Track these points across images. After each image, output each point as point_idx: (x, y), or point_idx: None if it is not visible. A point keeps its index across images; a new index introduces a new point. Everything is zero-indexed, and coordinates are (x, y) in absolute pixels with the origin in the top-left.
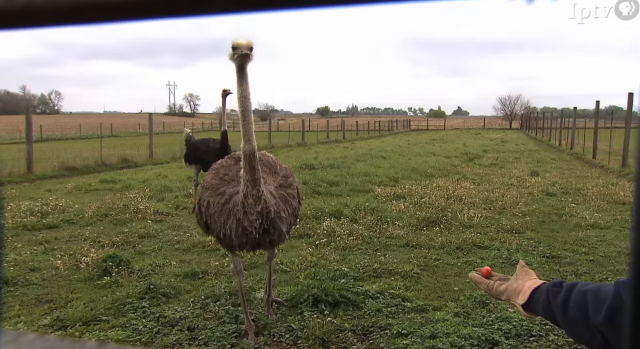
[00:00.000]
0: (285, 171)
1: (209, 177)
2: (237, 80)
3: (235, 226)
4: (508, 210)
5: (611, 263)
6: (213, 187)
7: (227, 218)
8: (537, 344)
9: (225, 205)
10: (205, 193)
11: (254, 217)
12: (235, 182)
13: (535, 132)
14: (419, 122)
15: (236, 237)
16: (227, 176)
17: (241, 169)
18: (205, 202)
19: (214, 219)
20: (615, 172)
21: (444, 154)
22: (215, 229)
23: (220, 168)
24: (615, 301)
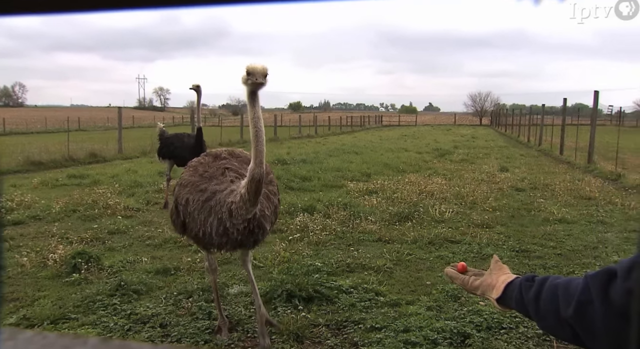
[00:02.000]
0: (265, 168)
1: (187, 175)
2: (249, 103)
3: (216, 224)
4: (479, 205)
5: (578, 256)
6: (193, 185)
7: (208, 215)
8: (507, 336)
9: (206, 202)
10: (184, 191)
11: (239, 222)
12: (218, 180)
13: (504, 129)
14: (391, 118)
15: (217, 236)
16: (207, 173)
17: (222, 166)
18: (184, 200)
19: (192, 217)
20: (582, 168)
21: (415, 150)
22: (194, 228)
23: (199, 165)
24: (584, 295)
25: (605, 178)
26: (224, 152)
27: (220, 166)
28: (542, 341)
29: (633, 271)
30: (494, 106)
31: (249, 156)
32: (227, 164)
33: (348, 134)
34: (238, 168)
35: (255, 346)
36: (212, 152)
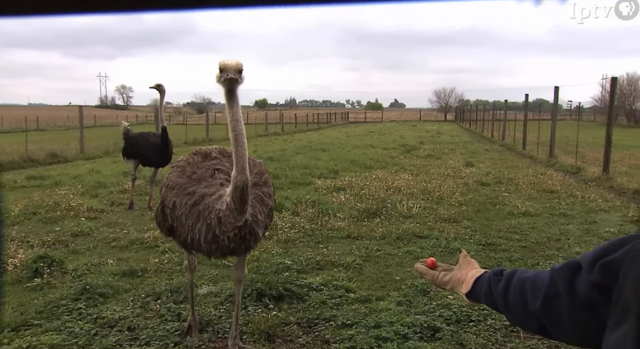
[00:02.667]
0: (259, 167)
1: (174, 176)
2: (227, 103)
3: (205, 231)
4: (445, 200)
5: (542, 248)
6: (180, 187)
7: (196, 221)
8: (476, 329)
9: (195, 206)
10: (170, 193)
11: (229, 229)
12: (207, 182)
13: (469, 124)
14: (357, 114)
15: (205, 242)
16: (196, 174)
17: (212, 166)
18: (171, 203)
19: (180, 222)
20: (543, 162)
21: (382, 146)
22: (181, 233)
23: (187, 166)
24: (550, 288)
25: (566, 172)
26: (215, 151)
27: (210, 166)
28: (509, 332)
29: (596, 263)
30: (458, 102)
31: None
32: (217, 165)
33: (315, 131)
34: (229, 169)
35: (225, 347)
36: (202, 150)
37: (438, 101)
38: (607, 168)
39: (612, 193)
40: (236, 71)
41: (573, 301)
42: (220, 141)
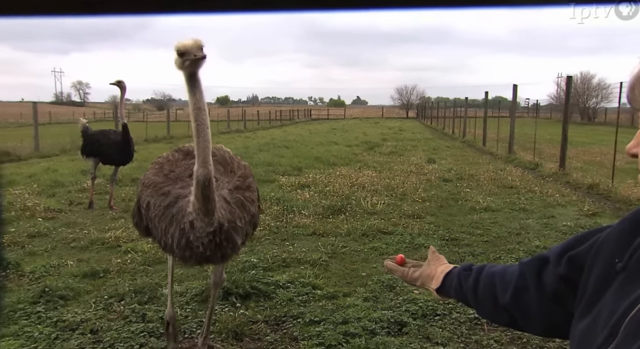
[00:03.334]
0: (243, 170)
1: (151, 173)
2: (189, 90)
3: (178, 236)
4: (409, 196)
5: (503, 242)
6: (155, 186)
7: (169, 224)
8: (442, 322)
9: (168, 208)
10: (145, 192)
11: (203, 235)
12: (184, 182)
13: (430, 121)
14: (320, 111)
15: (179, 249)
16: (174, 172)
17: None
18: (145, 203)
19: (154, 223)
20: (503, 158)
21: (345, 143)
22: (156, 234)
23: (166, 163)
24: (519, 282)
25: (524, 167)
26: None
27: (190, 165)
28: (474, 325)
29: (563, 257)
30: (419, 99)
31: (228, 155)
32: None
33: (278, 128)
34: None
35: (193, 347)
36: (184, 148)
37: (400, 98)
38: (564, 164)
39: (569, 188)
40: (198, 49)
41: (541, 294)
42: (182, 138)
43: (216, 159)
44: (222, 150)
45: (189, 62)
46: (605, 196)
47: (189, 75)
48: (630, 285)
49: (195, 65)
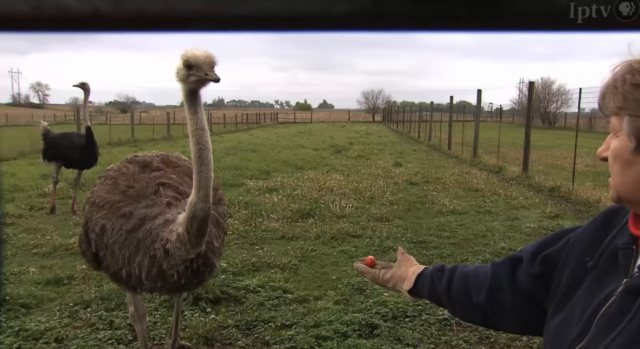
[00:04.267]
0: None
1: (103, 191)
2: (189, 108)
3: (147, 265)
4: (377, 199)
5: (470, 244)
6: (111, 206)
7: (136, 252)
8: (412, 324)
9: (132, 233)
10: (98, 213)
11: (179, 262)
12: (148, 200)
13: (396, 125)
14: (287, 115)
15: (148, 280)
16: (133, 189)
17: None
18: (98, 227)
19: (111, 251)
20: (468, 162)
21: (312, 147)
22: (112, 265)
23: (120, 177)
24: (493, 282)
25: (489, 171)
26: (156, 159)
27: (152, 179)
28: (443, 326)
29: (537, 257)
30: (385, 103)
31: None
32: (161, 178)
33: (244, 132)
34: (178, 184)
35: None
36: (139, 158)
37: (366, 102)
38: (527, 167)
39: (531, 191)
40: (211, 67)
41: (515, 292)
42: (146, 142)
43: (181, 169)
44: (182, 158)
45: (196, 80)
46: (566, 199)
47: (190, 92)
48: (601, 283)
49: (202, 84)
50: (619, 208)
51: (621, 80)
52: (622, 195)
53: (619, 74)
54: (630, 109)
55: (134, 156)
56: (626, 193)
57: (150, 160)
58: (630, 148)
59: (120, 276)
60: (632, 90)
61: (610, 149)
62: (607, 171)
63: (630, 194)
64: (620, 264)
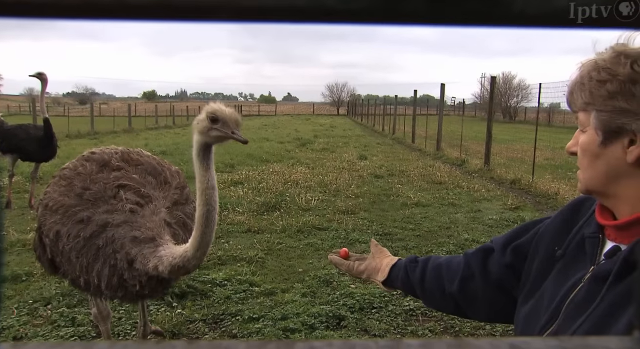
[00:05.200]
0: (178, 179)
1: (56, 193)
2: (201, 161)
3: (107, 274)
4: (342, 192)
5: (434, 236)
6: (66, 210)
7: (94, 260)
8: (378, 315)
9: (92, 240)
10: (51, 217)
11: (142, 273)
12: (108, 205)
13: (360, 118)
14: (250, 107)
15: (109, 289)
16: (90, 191)
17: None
18: (52, 233)
19: (67, 258)
20: (431, 155)
21: (277, 140)
22: (69, 272)
23: (75, 177)
24: (465, 272)
25: (452, 164)
26: (115, 157)
27: (112, 181)
28: (409, 316)
29: (507, 247)
30: (350, 96)
31: (155, 163)
32: (121, 179)
33: None
34: (140, 185)
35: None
36: (97, 156)
37: (331, 95)
38: (488, 160)
39: (493, 183)
40: (237, 126)
41: (487, 282)
42: (107, 134)
43: (143, 168)
44: (144, 154)
45: (218, 135)
46: (526, 191)
47: (205, 145)
48: (569, 271)
49: (222, 141)
50: (585, 199)
51: (587, 77)
52: (591, 187)
53: (585, 71)
54: (597, 104)
55: (90, 153)
56: (595, 185)
57: (108, 158)
58: (597, 142)
59: (79, 284)
60: (598, 86)
61: (578, 143)
62: (565, 164)
63: (599, 186)
64: (587, 252)
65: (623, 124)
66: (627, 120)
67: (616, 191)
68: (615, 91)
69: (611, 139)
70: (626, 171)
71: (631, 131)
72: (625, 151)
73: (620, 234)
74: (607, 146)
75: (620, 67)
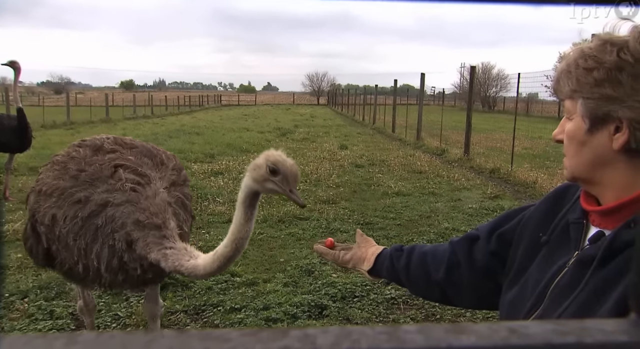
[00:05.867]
0: (174, 161)
1: (50, 177)
2: (244, 211)
3: (107, 255)
4: (323, 182)
5: (415, 225)
6: (62, 192)
7: (93, 241)
8: (360, 304)
9: (90, 219)
10: (46, 202)
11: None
12: (107, 185)
13: (341, 108)
14: (230, 97)
15: (108, 272)
16: (86, 173)
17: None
18: (48, 218)
19: (64, 243)
20: (412, 144)
21: (257, 130)
22: (67, 259)
23: (70, 161)
24: (451, 259)
25: (432, 153)
26: (108, 142)
27: (108, 162)
28: (390, 305)
29: (492, 234)
30: (330, 86)
31: (149, 146)
32: (118, 159)
33: (187, 114)
34: (137, 165)
35: None
36: (89, 142)
37: (311, 84)
38: (468, 150)
39: (473, 173)
40: (295, 183)
41: (472, 269)
42: (83, 124)
43: (138, 150)
44: (137, 141)
45: (274, 189)
46: (505, 180)
47: (255, 193)
48: (553, 256)
49: (274, 193)
50: (569, 186)
51: (574, 65)
52: (577, 174)
53: (572, 59)
54: (584, 91)
55: (81, 141)
56: (581, 172)
57: (101, 143)
58: (584, 129)
59: (77, 272)
60: (584, 74)
61: (565, 131)
62: (543, 154)
63: (585, 173)
64: (572, 238)
65: (609, 112)
66: (613, 107)
67: (602, 177)
68: (602, 78)
69: (597, 126)
70: (612, 158)
71: (617, 118)
72: (611, 138)
73: (604, 219)
74: (593, 134)
75: (606, 55)
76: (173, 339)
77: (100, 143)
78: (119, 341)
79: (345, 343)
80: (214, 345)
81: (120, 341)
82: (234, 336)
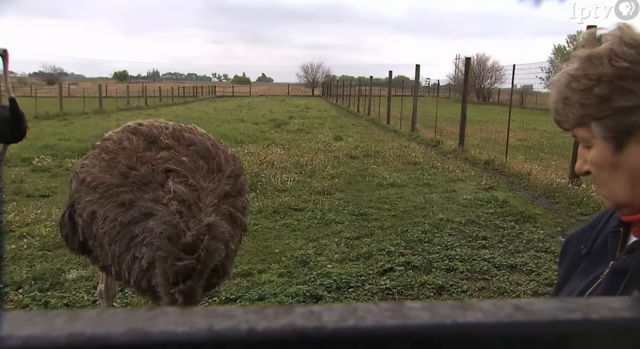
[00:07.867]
0: (234, 165)
1: (96, 168)
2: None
3: (138, 270)
4: (318, 173)
5: (409, 216)
6: (107, 189)
7: (126, 250)
8: (355, 294)
9: (129, 227)
10: (88, 195)
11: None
12: (154, 193)
13: (335, 99)
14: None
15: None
16: (137, 173)
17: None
18: (87, 213)
19: (100, 243)
20: (406, 136)
21: (252, 121)
22: (100, 256)
23: (120, 152)
24: None
25: (427, 145)
26: (165, 133)
27: (159, 162)
28: (385, 295)
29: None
30: (325, 77)
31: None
32: (170, 160)
33: (181, 106)
34: (190, 173)
35: None
36: (144, 128)
37: (306, 76)
38: (463, 141)
39: (467, 164)
40: None
41: None
42: (77, 115)
43: (195, 149)
44: (197, 132)
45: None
46: (500, 171)
47: None
48: (592, 267)
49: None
50: None
51: (569, 91)
52: (620, 201)
53: (562, 86)
54: (593, 113)
55: (137, 125)
56: (624, 197)
57: (158, 133)
58: (610, 150)
59: (110, 272)
60: (584, 96)
61: (589, 161)
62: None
63: (629, 197)
64: (609, 247)
65: (633, 122)
66: (633, 117)
67: None
68: (606, 93)
69: (624, 141)
70: None
71: None
72: None
73: None
74: (622, 151)
75: (598, 68)
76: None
77: (157, 134)
78: (122, 317)
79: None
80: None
81: (122, 317)
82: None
